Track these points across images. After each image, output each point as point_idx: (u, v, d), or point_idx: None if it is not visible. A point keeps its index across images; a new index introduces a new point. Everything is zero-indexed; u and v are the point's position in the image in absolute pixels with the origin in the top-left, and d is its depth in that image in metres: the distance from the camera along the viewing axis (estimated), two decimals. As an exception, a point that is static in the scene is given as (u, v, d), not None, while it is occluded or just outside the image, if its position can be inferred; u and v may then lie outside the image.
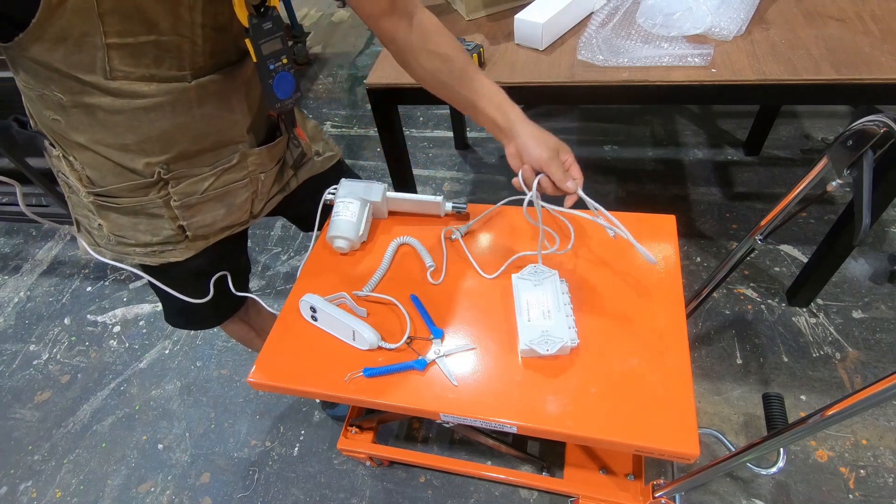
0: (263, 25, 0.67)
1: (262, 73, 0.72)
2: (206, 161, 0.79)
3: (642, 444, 0.68)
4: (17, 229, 2.22)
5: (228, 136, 0.79)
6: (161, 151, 0.73)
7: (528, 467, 1.31)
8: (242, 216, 0.90)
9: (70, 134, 0.70)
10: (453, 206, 1.00)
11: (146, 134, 0.71)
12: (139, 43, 0.62)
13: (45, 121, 0.71)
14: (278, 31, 0.69)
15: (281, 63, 0.72)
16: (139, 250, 0.84)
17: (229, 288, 0.97)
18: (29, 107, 0.73)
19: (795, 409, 1.35)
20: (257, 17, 0.66)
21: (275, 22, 0.68)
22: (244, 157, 0.82)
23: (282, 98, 0.76)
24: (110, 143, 0.71)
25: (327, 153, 1.03)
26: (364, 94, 2.61)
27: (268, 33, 0.68)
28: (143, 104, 0.67)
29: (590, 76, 1.08)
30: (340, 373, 0.79)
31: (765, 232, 0.93)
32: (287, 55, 0.73)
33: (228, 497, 1.38)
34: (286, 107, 0.78)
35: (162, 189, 0.77)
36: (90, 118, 0.67)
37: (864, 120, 0.65)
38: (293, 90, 0.77)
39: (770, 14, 1.14)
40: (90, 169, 0.75)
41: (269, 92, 0.74)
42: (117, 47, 0.61)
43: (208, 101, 0.73)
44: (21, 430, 1.58)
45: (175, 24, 0.63)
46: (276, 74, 0.73)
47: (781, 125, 2.09)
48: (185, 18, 0.63)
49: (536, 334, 0.76)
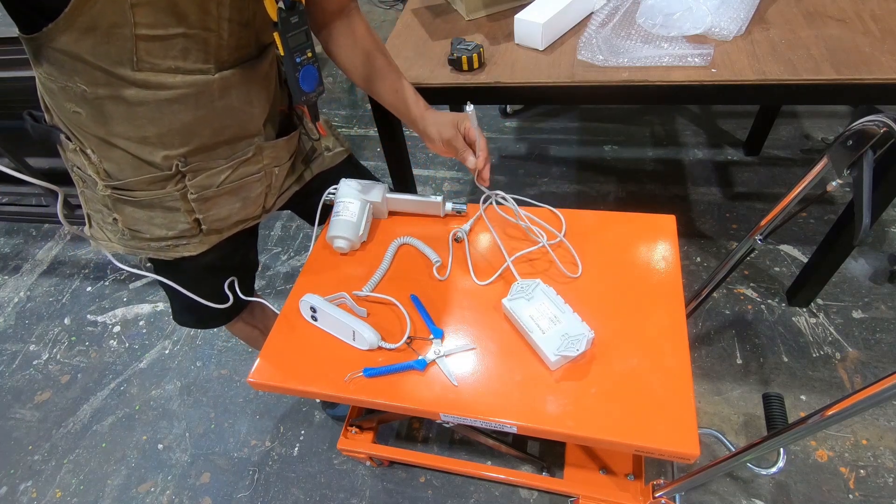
0: (291, 19, 0.68)
1: (289, 66, 0.73)
2: (223, 154, 0.80)
3: (642, 444, 0.68)
4: (17, 229, 2.22)
5: (246, 129, 0.80)
6: (180, 144, 0.74)
7: (528, 467, 1.31)
8: (256, 210, 0.91)
9: (90, 126, 0.71)
10: (453, 206, 1.00)
11: (168, 126, 0.71)
12: (168, 35, 0.63)
13: (65, 113, 0.71)
14: (303, 24, 0.70)
15: (306, 56, 0.74)
16: (153, 245, 0.85)
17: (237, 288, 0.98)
18: (48, 100, 0.73)
19: (795, 409, 1.35)
20: (285, 11, 0.67)
21: (300, 15, 0.69)
22: (259, 150, 0.83)
23: (307, 91, 0.77)
24: (130, 135, 0.71)
25: (337, 149, 1.04)
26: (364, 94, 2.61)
27: (294, 27, 0.69)
28: (167, 96, 0.68)
29: (590, 76, 1.08)
30: (340, 373, 0.79)
31: (765, 232, 0.93)
32: (311, 48, 0.74)
33: (228, 497, 1.38)
34: (311, 99, 0.79)
35: (179, 182, 0.78)
36: (113, 110, 0.68)
37: (864, 120, 0.65)
38: (317, 83, 0.78)
39: (770, 14, 1.14)
40: (108, 162, 0.75)
41: (296, 85, 0.75)
42: (146, 39, 0.62)
43: (230, 94, 0.74)
44: (21, 430, 1.58)
45: (203, 18, 0.64)
46: (301, 68, 0.74)
47: (781, 125, 2.09)
48: (212, 12, 0.64)
49: (559, 341, 0.75)
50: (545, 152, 2.17)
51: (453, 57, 1.13)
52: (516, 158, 2.17)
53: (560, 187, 2.02)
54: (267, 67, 0.79)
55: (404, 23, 1.34)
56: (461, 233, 0.96)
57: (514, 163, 2.15)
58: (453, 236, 0.97)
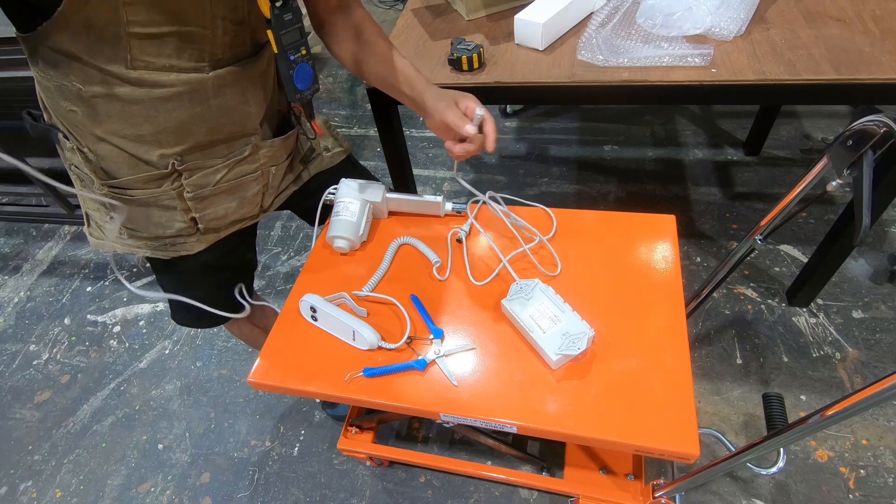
0: (284, 16, 0.69)
1: (283, 64, 0.73)
2: (219, 153, 0.80)
3: (642, 444, 0.68)
4: (17, 229, 2.22)
5: (242, 127, 0.80)
6: (176, 142, 0.74)
7: (528, 467, 1.31)
8: (253, 209, 0.91)
9: (86, 125, 0.71)
10: (453, 206, 1.00)
11: (163, 124, 0.71)
12: (161, 33, 0.63)
13: (61, 112, 0.71)
14: (297, 21, 0.70)
15: (300, 54, 0.74)
16: (151, 244, 0.85)
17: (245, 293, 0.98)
18: (44, 98, 0.73)
19: (795, 409, 1.35)
20: (279, 8, 0.67)
21: (294, 13, 0.69)
22: (256, 149, 0.83)
23: (302, 89, 0.77)
24: (126, 133, 0.71)
25: (336, 149, 1.04)
26: (364, 94, 2.61)
27: (288, 24, 0.70)
28: (161, 94, 0.68)
29: (590, 76, 1.08)
30: (340, 373, 0.79)
31: (765, 232, 0.93)
32: (305, 46, 0.74)
33: (228, 497, 1.38)
34: (305, 97, 0.79)
35: (175, 181, 0.78)
36: (108, 108, 0.68)
37: (864, 120, 0.65)
38: (312, 81, 0.78)
39: (770, 14, 1.14)
40: (104, 161, 0.75)
41: (290, 83, 0.75)
42: (140, 37, 0.62)
43: (225, 92, 0.74)
44: (21, 430, 1.58)
45: (196, 16, 0.64)
46: (296, 65, 0.74)
47: (781, 125, 2.09)
48: (206, 10, 0.64)
49: (560, 340, 0.75)
50: (545, 152, 2.17)
51: (453, 57, 1.13)
52: (516, 158, 2.17)
53: (560, 187, 2.02)
54: (264, 66, 0.79)
55: (404, 23, 1.34)
56: (461, 233, 0.96)
57: (514, 163, 2.15)
58: (453, 236, 0.97)
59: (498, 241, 0.95)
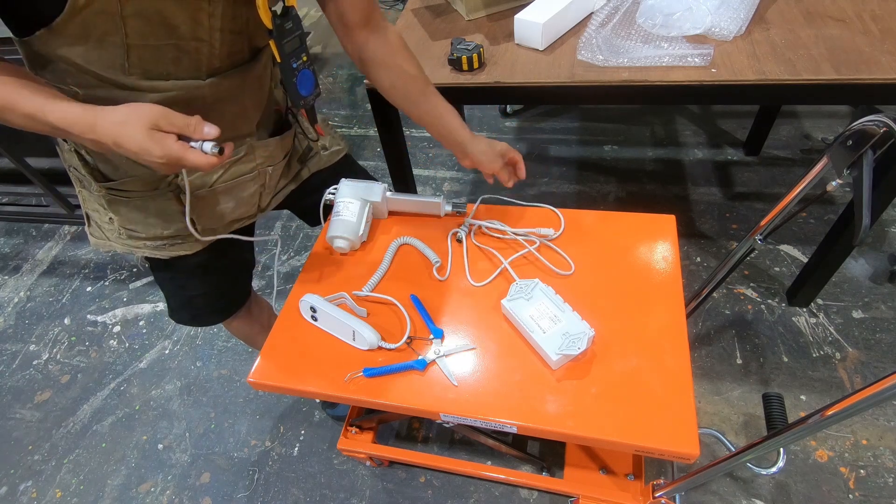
0: (285, 25, 0.69)
1: (286, 72, 0.73)
2: None
3: (642, 444, 0.68)
4: (17, 229, 2.22)
5: (239, 129, 0.80)
6: None
7: (528, 467, 1.31)
8: (251, 209, 0.91)
9: None
10: (453, 206, 1.00)
11: None
12: (159, 45, 0.63)
13: None
14: (298, 28, 0.70)
15: (302, 61, 0.74)
16: (149, 244, 0.85)
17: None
18: None
19: (795, 409, 1.35)
20: (280, 18, 0.67)
21: (294, 21, 0.69)
22: (252, 149, 0.83)
23: (305, 95, 0.77)
24: None
25: (334, 147, 1.04)
26: (364, 94, 2.61)
27: (289, 32, 0.70)
28: (157, 98, 0.68)
29: (590, 76, 1.08)
30: (340, 373, 0.79)
31: (765, 232, 0.93)
32: (306, 52, 0.74)
33: (228, 497, 1.38)
34: (309, 103, 0.79)
35: (172, 182, 0.78)
36: None
37: (864, 120, 0.65)
38: (314, 86, 0.78)
39: (770, 14, 1.14)
40: (102, 163, 0.76)
41: (294, 90, 0.75)
42: (137, 48, 0.62)
43: (222, 96, 0.74)
44: (21, 430, 1.58)
45: (195, 29, 0.64)
46: (298, 72, 0.74)
47: (781, 125, 2.09)
48: (204, 24, 0.64)
49: (560, 340, 0.75)
50: (545, 152, 2.17)
51: (453, 57, 1.13)
52: (516, 158, 2.17)
53: (560, 187, 2.01)
54: (260, 70, 0.79)
55: (404, 23, 1.34)
56: (461, 233, 0.96)
57: (514, 163, 2.15)
58: (453, 236, 0.97)
59: (498, 241, 0.95)
